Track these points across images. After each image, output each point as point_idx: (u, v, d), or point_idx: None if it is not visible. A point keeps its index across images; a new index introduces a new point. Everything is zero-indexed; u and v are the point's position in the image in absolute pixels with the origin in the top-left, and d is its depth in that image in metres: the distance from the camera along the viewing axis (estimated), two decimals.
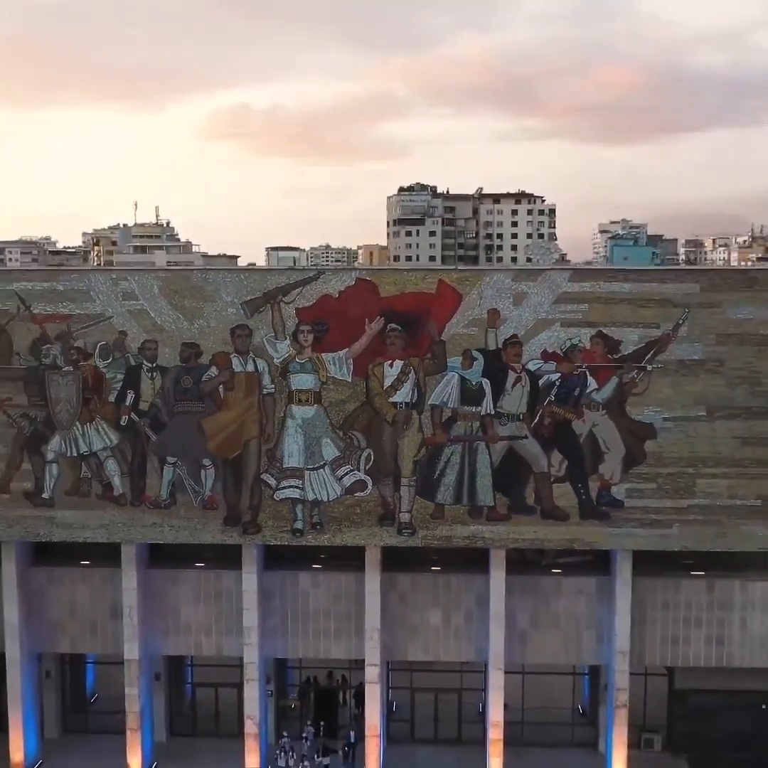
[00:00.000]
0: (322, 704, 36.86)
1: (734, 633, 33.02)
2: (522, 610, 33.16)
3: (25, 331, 31.53)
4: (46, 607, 34.15)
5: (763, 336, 30.16)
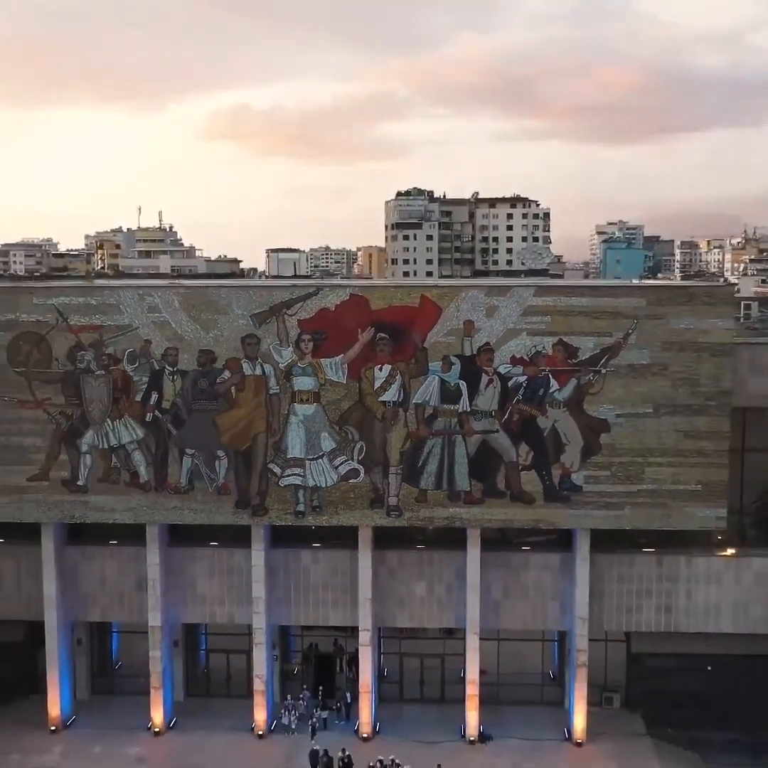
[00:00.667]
0: (322, 668, 41.59)
1: (680, 602, 37.80)
2: (495, 582, 37.93)
3: (62, 339, 36.25)
4: (79, 581, 38.96)
5: (701, 344, 34.88)
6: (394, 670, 41.32)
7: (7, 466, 36.73)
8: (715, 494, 35.39)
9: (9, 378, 36.35)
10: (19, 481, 36.82)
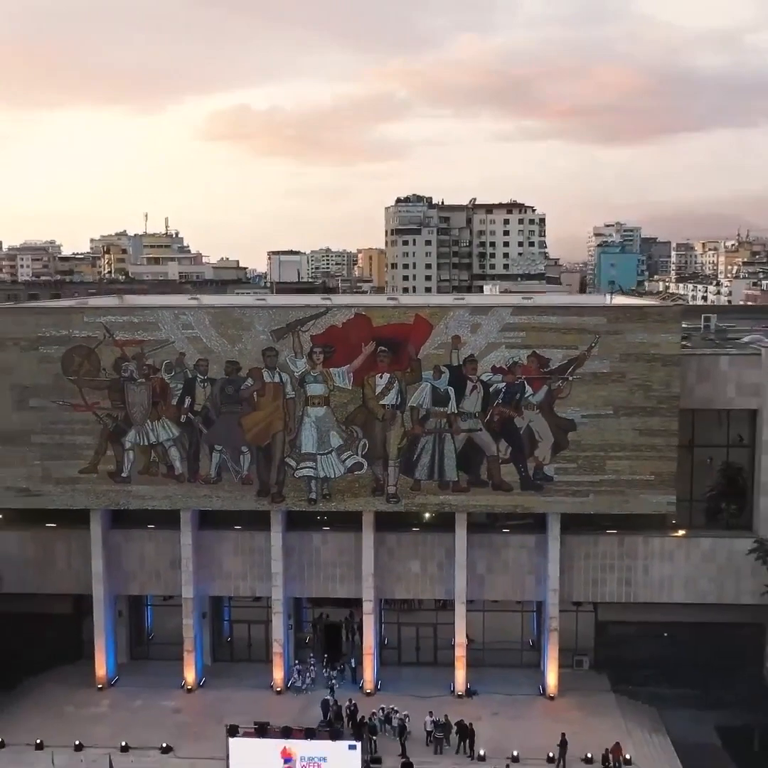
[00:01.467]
0: (329, 637, 47.75)
1: (638, 577, 44.00)
2: (480, 559, 44.13)
3: (109, 352, 42.42)
4: (122, 559, 45.18)
5: (653, 355, 41.02)
6: (393, 638, 47.44)
7: (61, 460, 42.93)
8: (666, 483, 41.58)
9: (63, 385, 42.54)
10: (71, 474, 43.03)
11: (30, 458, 43.04)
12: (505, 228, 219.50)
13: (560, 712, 42.30)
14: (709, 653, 44.12)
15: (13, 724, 41.12)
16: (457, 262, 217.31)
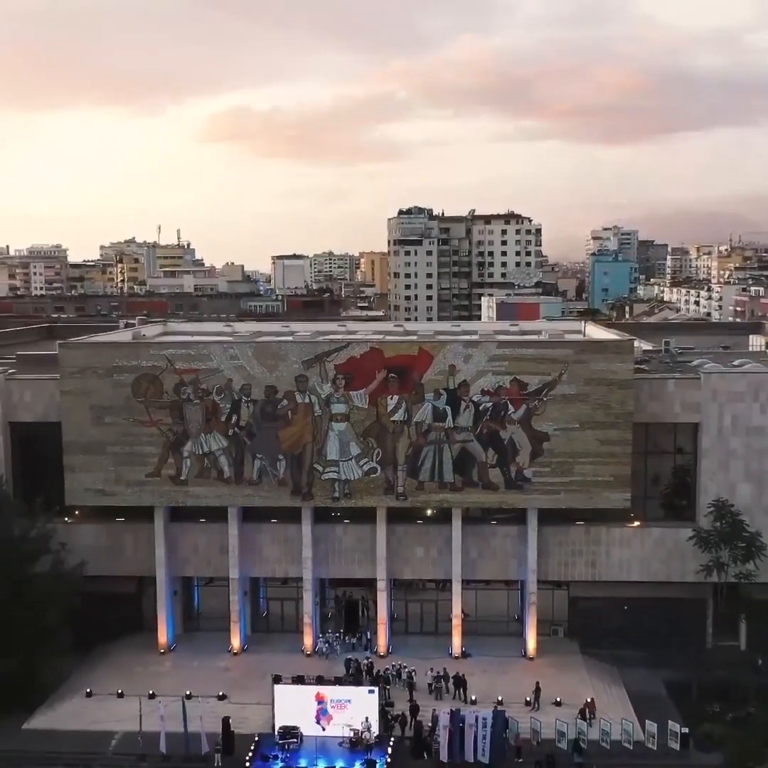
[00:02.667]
0: (349, 611, 57.49)
1: (602, 560, 53.74)
2: (472, 546, 53.89)
3: (170, 378, 52.18)
4: (179, 547, 54.96)
5: (611, 379, 50.74)
6: (402, 612, 57.13)
7: (131, 466, 52.74)
8: (622, 483, 51.35)
9: (133, 405, 52.34)
10: (139, 477, 52.84)
11: (105, 465, 52.86)
12: (503, 238, 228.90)
13: (537, 669, 52.01)
14: (661, 623, 53.68)
15: (94, 679, 50.98)
16: (457, 271, 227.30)
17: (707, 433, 52.64)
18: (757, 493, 52.50)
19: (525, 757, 43.81)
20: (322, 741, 44.27)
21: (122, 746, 45.44)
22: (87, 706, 48.54)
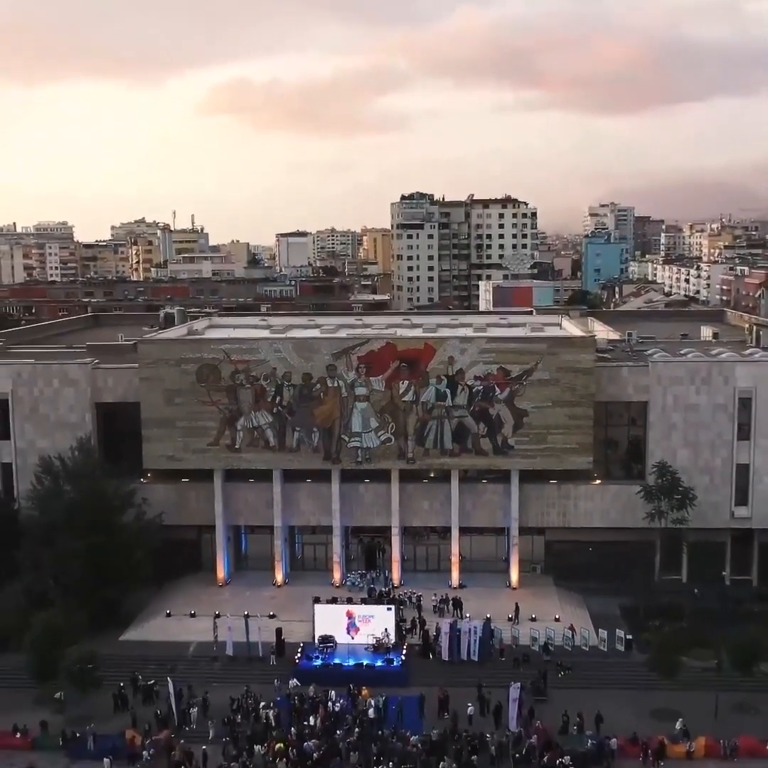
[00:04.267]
0: (369, 553, 71.11)
1: (571, 510, 67.39)
2: (468, 500, 67.54)
3: (227, 367, 65.60)
4: (232, 502, 68.63)
5: (576, 368, 64.10)
6: (411, 554, 70.67)
7: (195, 437, 66.24)
8: (586, 450, 64.89)
9: (197, 389, 65.79)
10: (202, 446, 66.37)
11: (175, 436, 66.38)
12: (500, 221, 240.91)
13: (518, 596, 65.68)
14: (618, 560, 66.97)
15: (170, 604, 64.78)
16: (456, 254, 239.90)
17: (654, 410, 66.16)
18: (693, 457, 66.08)
19: (506, 656, 57.63)
20: (352, 646, 58.04)
21: (198, 651, 59.33)
22: (167, 624, 62.40)
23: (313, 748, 46.97)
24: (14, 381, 68.05)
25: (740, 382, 65.52)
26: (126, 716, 51.99)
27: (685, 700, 51.90)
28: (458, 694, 52.50)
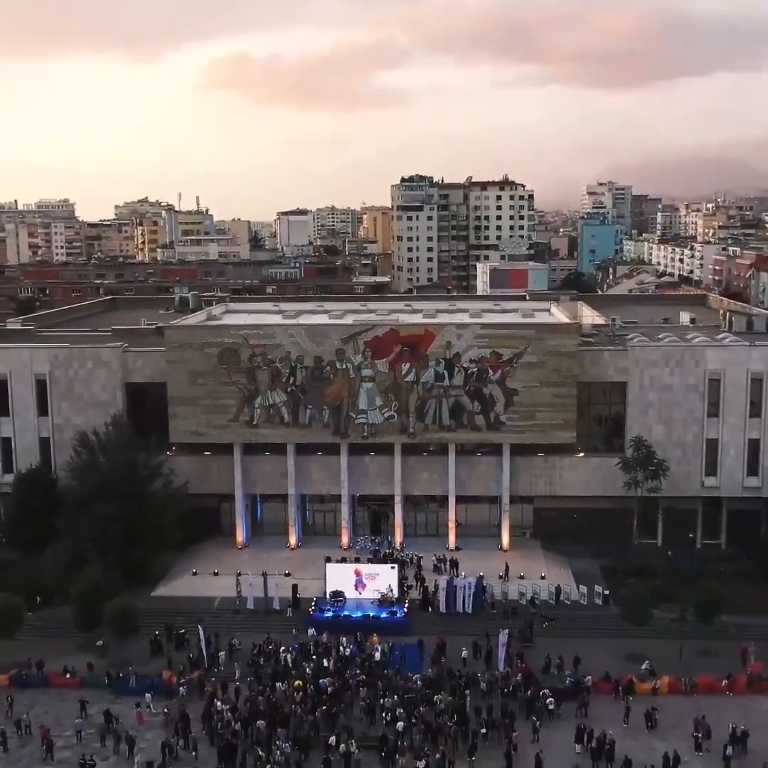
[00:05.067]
0: (374, 519, 78.15)
1: (557, 480, 74.39)
2: (463, 472, 74.54)
3: (246, 351, 72.40)
4: (250, 473, 75.63)
5: (561, 351, 70.88)
6: (412, 521, 77.71)
7: (217, 414, 73.14)
8: (569, 426, 71.82)
9: (218, 371, 72.62)
10: (223, 422, 73.29)
11: (198, 413, 73.26)
12: (497, 203, 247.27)
13: (508, 557, 72.69)
14: (600, 526, 74.03)
15: (195, 564, 71.87)
16: (455, 235, 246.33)
17: (632, 390, 73.06)
18: (667, 432, 73.01)
19: (497, 609, 64.77)
20: (360, 600, 65.08)
21: (222, 605, 66.48)
22: (194, 581, 69.55)
23: (327, 685, 54.10)
24: (51, 363, 74.90)
25: (710, 365, 72.43)
26: (162, 660, 59.14)
27: (653, 647, 58.93)
28: (454, 641, 59.60)
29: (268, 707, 51.81)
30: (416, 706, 51.65)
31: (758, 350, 72.83)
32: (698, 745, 49.15)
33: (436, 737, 49.25)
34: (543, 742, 49.20)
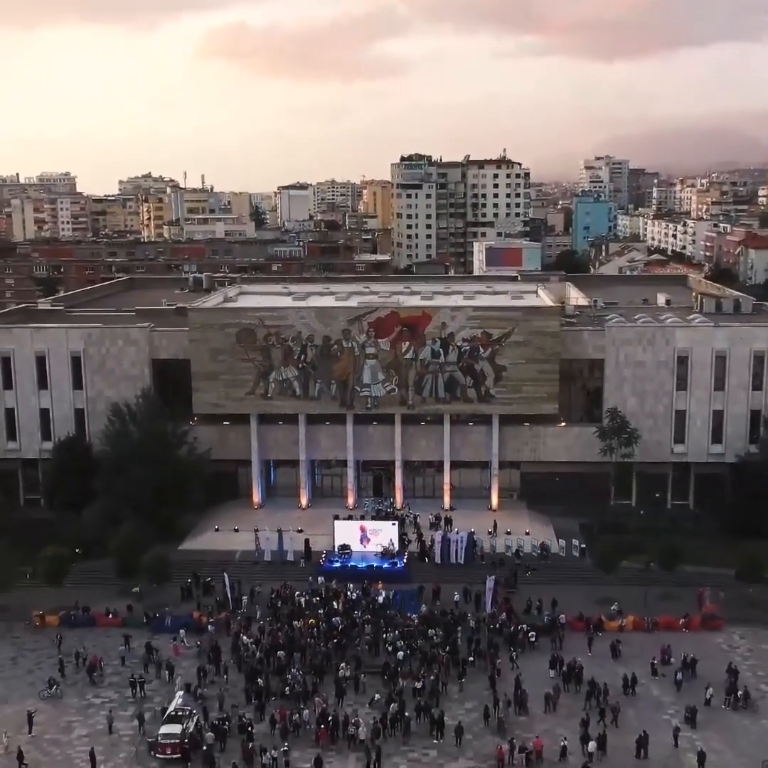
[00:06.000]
0: (376, 482, 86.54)
1: (541, 446, 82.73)
2: (457, 440, 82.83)
3: (262, 331, 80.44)
4: (265, 440, 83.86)
5: (545, 332, 78.91)
6: (410, 484, 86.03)
7: (235, 388, 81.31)
8: (552, 398, 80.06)
9: (236, 348, 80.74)
10: (240, 395, 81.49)
11: (218, 386, 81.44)
12: (494, 182, 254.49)
13: (497, 516, 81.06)
14: (580, 488, 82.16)
15: (216, 522, 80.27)
16: (453, 212, 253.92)
17: (608, 366, 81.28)
18: (640, 404, 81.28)
19: (486, 560, 73.18)
20: (364, 553, 73.48)
21: (242, 557, 74.91)
22: (216, 537, 77.99)
23: (338, 622, 62.59)
24: (86, 341, 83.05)
25: (679, 344, 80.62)
26: (192, 603, 67.60)
27: (622, 592, 67.24)
28: (448, 587, 67.96)
29: (287, 640, 60.31)
30: (414, 639, 60.16)
31: (722, 330, 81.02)
32: (654, 670, 57.65)
33: (431, 664, 57.67)
34: (522, 669, 57.63)
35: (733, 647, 61.38)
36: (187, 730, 50.29)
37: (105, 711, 53.92)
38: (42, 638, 63.53)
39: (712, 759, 48.66)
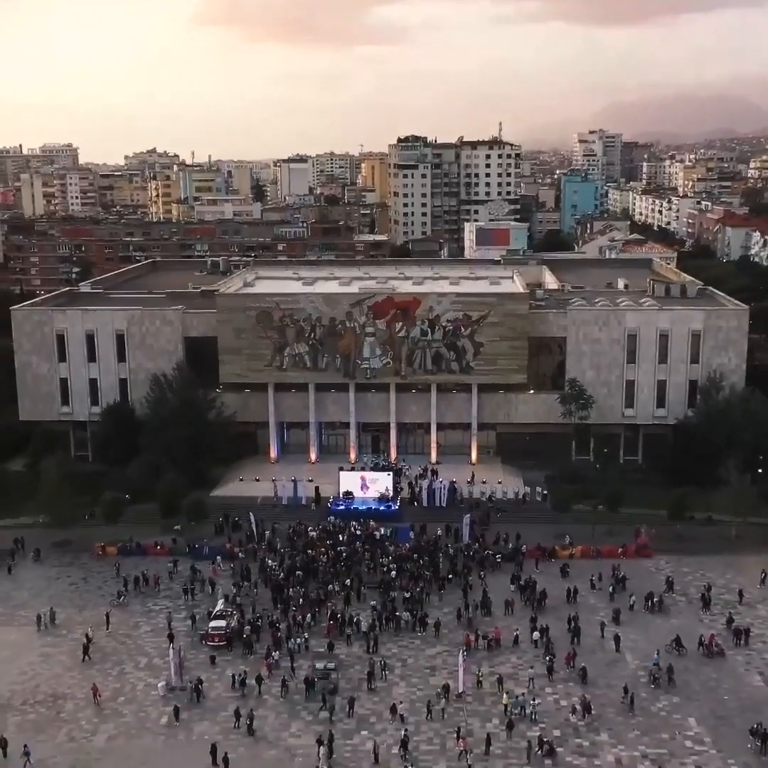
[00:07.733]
0: (375, 442, 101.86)
1: (513, 411, 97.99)
2: (442, 405, 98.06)
3: (278, 312, 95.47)
4: (280, 406, 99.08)
5: (516, 314, 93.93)
6: (404, 443, 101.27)
7: (255, 361, 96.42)
8: (521, 370, 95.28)
9: (256, 327, 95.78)
10: (259, 367, 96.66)
11: (240, 360, 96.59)
12: (487, 162, 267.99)
13: (475, 468, 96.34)
14: (546, 446, 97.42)
15: (240, 473, 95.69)
16: (447, 191, 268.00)
17: (570, 342, 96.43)
18: (596, 376, 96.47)
19: (464, 504, 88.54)
20: (364, 498, 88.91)
21: (263, 502, 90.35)
22: (240, 485, 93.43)
23: (343, 550, 78.15)
24: (128, 321, 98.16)
25: (629, 324, 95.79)
26: (223, 538, 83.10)
27: (574, 529, 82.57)
28: (433, 525, 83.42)
29: (303, 563, 75.91)
30: (404, 562, 75.76)
31: (665, 313, 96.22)
32: (593, 585, 73.23)
33: (417, 580, 73.27)
34: (489, 584, 73.16)
35: (659, 569, 76.89)
36: (230, 625, 65.90)
37: (164, 614, 69.45)
38: (104, 564, 79.02)
39: (628, 645, 64.44)
